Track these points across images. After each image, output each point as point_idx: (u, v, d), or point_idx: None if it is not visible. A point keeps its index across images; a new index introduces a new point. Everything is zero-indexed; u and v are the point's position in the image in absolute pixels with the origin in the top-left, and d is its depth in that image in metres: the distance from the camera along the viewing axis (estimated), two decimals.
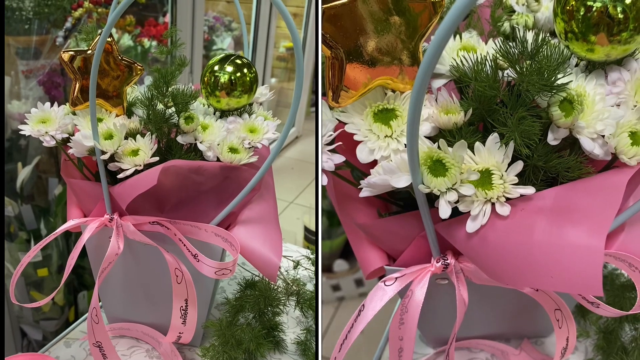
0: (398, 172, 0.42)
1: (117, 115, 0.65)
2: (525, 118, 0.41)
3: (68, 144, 0.62)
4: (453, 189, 0.42)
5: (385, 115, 0.46)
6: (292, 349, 0.76)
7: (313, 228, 1.82)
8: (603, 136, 0.45)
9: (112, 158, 0.61)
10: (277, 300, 0.74)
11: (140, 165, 0.60)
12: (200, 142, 0.62)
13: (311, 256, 0.92)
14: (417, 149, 0.38)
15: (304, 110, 3.10)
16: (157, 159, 0.59)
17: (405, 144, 0.45)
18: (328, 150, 0.47)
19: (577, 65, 0.48)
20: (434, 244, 0.49)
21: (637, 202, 0.44)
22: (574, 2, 0.43)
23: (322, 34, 0.43)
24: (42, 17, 1.50)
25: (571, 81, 0.44)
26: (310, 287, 0.80)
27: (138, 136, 0.61)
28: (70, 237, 1.69)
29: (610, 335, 0.62)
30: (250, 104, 0.69)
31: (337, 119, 0.48)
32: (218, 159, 0.63)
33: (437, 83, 0.47)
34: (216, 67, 0.65)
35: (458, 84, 0.48)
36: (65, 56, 0.63)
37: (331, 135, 0.47)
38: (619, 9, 0.41)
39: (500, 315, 0.65)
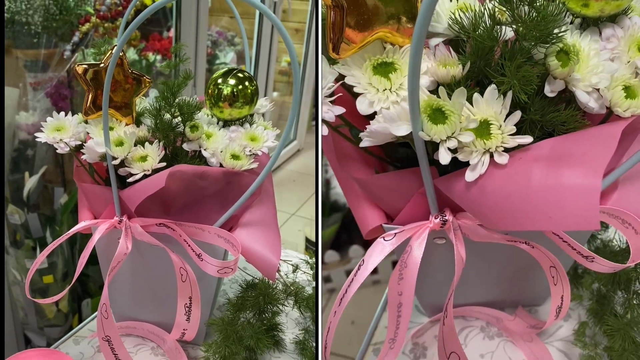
0: (398, 120, 0.42)
1: (126, 124, 0.70)
2: (523, 65, 0.42)
3: (81, 150, 0.66)
4: (453, 137, 0.42)
5: (384, 69, 0.46)
6: (290, 349, 0.80)
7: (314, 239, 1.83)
8: (598, 90, 0.46)
9: (122, 163, 0.66)
10: (277, 299, 0.78)
11: (149, 170, 0.64)
12: (205, 149, 0.66)
13: (310, 260, 0.95)
14: (417, 95, 0.39)
15: (305, 124, 3.15)
16: (164, 164, 0.64)
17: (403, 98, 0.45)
18: (329, 102, 0.47)
19: (572, 22, 0.49)
20: (432, 199, 0.49)
21: (629, 159, 0.45)
22: None
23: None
24: (50, 32, 1.54)
25: (567, 30, 0.45)
26: (309, 289, 0.84)
27: (146, 143, 0.66)
28: (75, 245, 1.72)
29: (604, 299, 0.63)
30: (252, 115, 0.73)
31: (337, 70, 0.48)
32: (221, 165, 0.67)
33: (435, 41, 0.48)
34: (219, 80, 0.69)
35: (455, 44, 0.48)
36: (79, 69, 0.67)
37: (331, 86, 0.47)
38: None
39: (496, 281, 0.65)
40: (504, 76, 0.43)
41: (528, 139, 0.44)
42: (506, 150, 0.45)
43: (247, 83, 0.69)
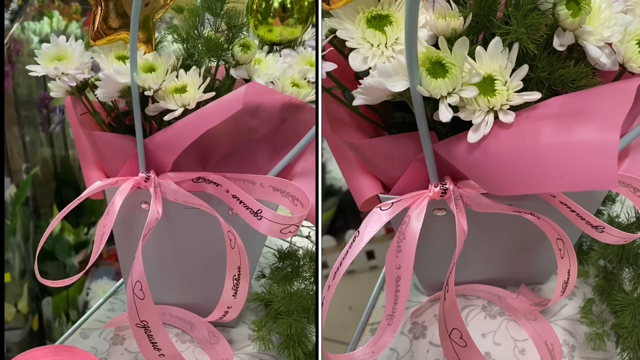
0: (394, 75, 0.40)
1: (145, 53, 0.55)
2: (530, 12, 0.40)
3: (95, 84, 0.50)
4: (454, 93, 0.40)
5: (379, 22, 0.44)
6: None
7: None
8: (610, 45, 0.44)
9: (146, 100, 0.51)
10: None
11: (190, 104, 0.49)
12: (258, 77, 0.52)
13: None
14: (415, 46, 0.36)
15: None
16: (212, 94, 0.49)
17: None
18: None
19: None
20: (431, 166, 0.46)
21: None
22: None
23: None
24: None
25: None
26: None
27: (181, 71, 0.51)
28: (29, 241, 1.57)
29: (611, 275, 0.61)
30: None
31: (328, 23, 0.45)
32: None
33: None
34: None
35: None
36: None
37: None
38: None
39: (498, 257, 0.62)
40: (509, 26, 0.41)
41: (536, 95, 0.42)
42: (512, 108, 0.42)
43: None
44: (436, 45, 0.41)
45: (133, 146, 0.54)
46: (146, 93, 0.48)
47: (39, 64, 0.52)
